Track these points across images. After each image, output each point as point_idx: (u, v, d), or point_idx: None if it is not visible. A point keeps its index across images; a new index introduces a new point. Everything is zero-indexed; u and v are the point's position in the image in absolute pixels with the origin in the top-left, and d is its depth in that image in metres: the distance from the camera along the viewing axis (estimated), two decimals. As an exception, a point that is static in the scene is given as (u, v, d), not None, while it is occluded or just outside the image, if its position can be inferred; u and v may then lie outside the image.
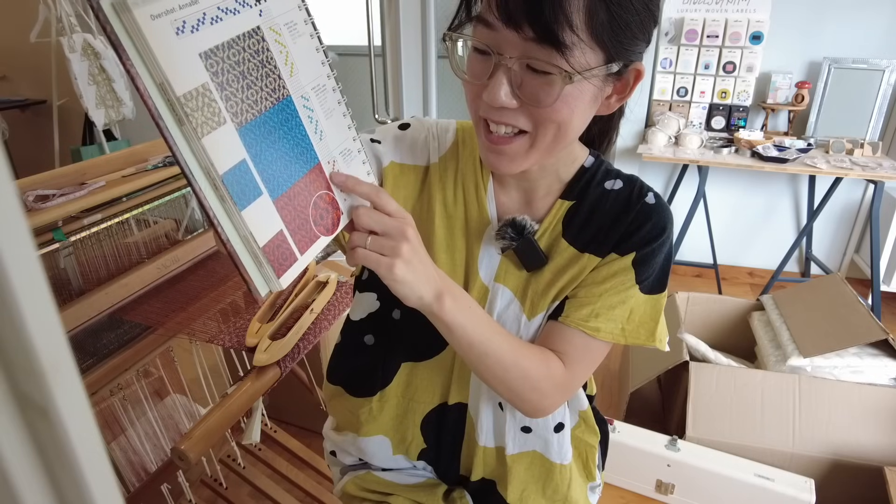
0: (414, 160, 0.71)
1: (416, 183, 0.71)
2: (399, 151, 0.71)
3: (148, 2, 0.37)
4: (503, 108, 0.56)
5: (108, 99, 2.72)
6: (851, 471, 1.48)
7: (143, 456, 1.37)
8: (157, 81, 0.38)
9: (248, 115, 0.44)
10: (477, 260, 0.70)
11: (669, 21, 2.48)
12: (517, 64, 0.54)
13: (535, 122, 0.57)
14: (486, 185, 0.70)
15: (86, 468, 0.23)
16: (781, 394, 1.55)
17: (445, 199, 0.71)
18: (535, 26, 0.51)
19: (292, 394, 1.71)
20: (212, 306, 1.21)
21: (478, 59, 0.57)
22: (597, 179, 0.69)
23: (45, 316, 0.21)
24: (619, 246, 0.67)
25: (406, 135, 0.73)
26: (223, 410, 1.00)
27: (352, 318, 0.79)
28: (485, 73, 0.56)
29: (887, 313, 2.57)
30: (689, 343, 1.71)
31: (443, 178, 0.71)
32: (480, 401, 0.75)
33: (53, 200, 1.03)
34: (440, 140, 0.72)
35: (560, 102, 0.55)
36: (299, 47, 0.49)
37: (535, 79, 0.54)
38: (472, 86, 0.59)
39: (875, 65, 2.35)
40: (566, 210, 0.69)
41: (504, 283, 0.70)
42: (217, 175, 0.41)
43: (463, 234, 0.71)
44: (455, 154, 0.72)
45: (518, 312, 0.70)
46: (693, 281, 2.90)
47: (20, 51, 3.00)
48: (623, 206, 0.67)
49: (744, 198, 2.74)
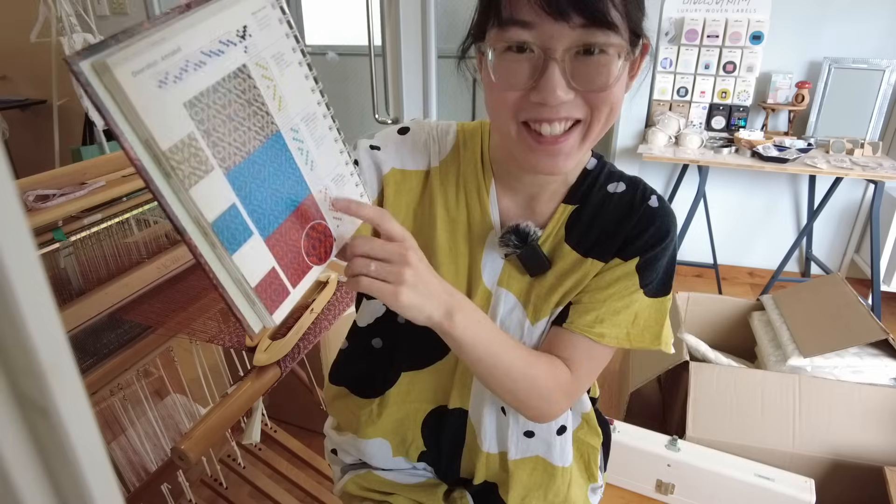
0: (415, 165, 0.70)
1: (418, 188, 0.70)
2: (400, 157, 0.70)
3: (129, 58, 0.36)
4: (559, 105, 0.55)
5: (109, 99, 2.72)
6: (851, 471, 1.48)
7: (143, 456, 1.37)
8: (142, 139, 0.37)
9: (237, 158, 0.43)
10: (480, 265, 0.69)
11: (669, 21, 2.48)
12: (568, 55, 0.53)
13: (591, 107, 0.56)
14: (488, 189, 0.69)
15: (86, 468, 0.23)
16: (781, 394, 1.55)
17: (447, 203, 0.69)
18: (585, 13, 0.51)
19: (292, 394, 1.71)
20: (212, 306, 1.21)
21: (514, 61, 0.54)
22: (600, 182, 0.69)
23: (45, 316, 0.21)
24: (622, 250, 0.66)
25: (406, 139, 0.71)
26: (223, 410, 1.00)
27: (359, 325, 0.78)
28: (525, 74, 0.54)
29: (887, 313, 2.57)
30: (689, 343, 1.71)
31: (444, 182, 0.70)
32: (483, 406, 0.74)
33: (53, 200, 1.02)
34: (440, 143, 0.71)
35: (617, 83, 0.55)
36: (287, 78, 0.47)
37: (589, 64, 0.54)
38: (507, 94, 0.56)
39: (875, 65, 2.35)
40: (569, 214, 0.68)
41: (507, 287, 0.69)
42: (207, 223, 0.40)
43: (466, 239, 0.70)
44: (456, 157, 0.70)
45: (521, 317, 0.69)
46: (693, 281, 2.90)
47: (20, 51, 3.00)
48: (626, 211, 0.67)
49: (744, 198, 2.74)
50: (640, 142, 2.61)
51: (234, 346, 1.10)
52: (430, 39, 2.62)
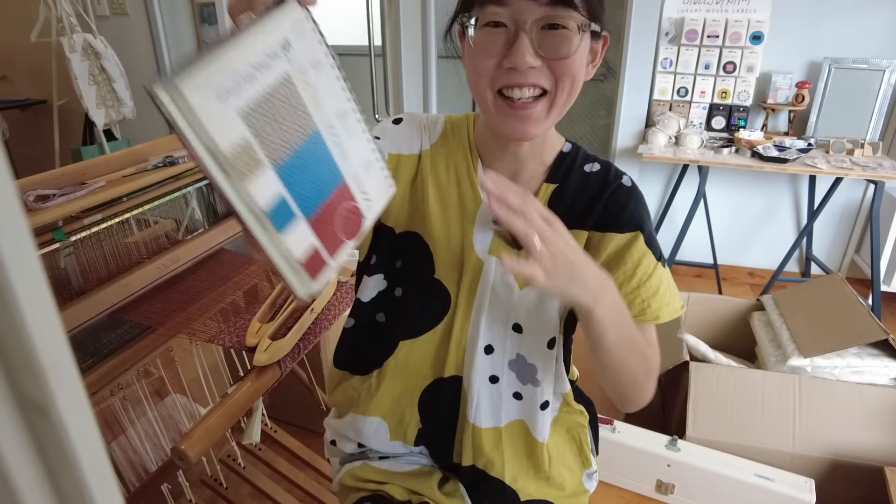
0: (409, 149, 0.78)
1: (412, 170, 0.78)
2: (395, 143, 0.78)
3: (193, 79, 0.43)
4: (528, 70, 0.63)
5: (109, 99, 2.73)
6: (852, 471, 1.48)
7: (143, 456, 1.37)
8: (206, 145, 0.44)
9: (283, 154, 0.50)
10: (472, 237, 0.76)
11: (669, 21, 2.48)
12: (536, 27, 0.62)
13: (556, 77, 0.64)
14: (476, 169, 0.76)
15: (86, 468, 0.23)
16: (782, 394, 1.55)
17: (439, 181, 0.77)
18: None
19: (292, 394, 1.71)
20: (212, 306, 1.21)
21: (491, 34, 0.63)
22: (577, 163, 0.77)
23: (45, 316, 0.21)
24: (607, 224, 0.73)
25: (400, 128, 0.80)
26: (223, 410, 1.00)
27: (362, 300, 0.82)
28: (500, 45, 0.63)
29: (887, 313, 2.57)
30: (689, 343, 1.71)
31: (435, 163, 0.78)
32: (474, 374, 0.78)
33: (53, 200, 1.03)
34: (431, 130, 0.80)
35: (576, 53, 0.64)
36: (323, 81, 0.55)
37: (553, 36, 0.63)
38: (484, 62, 0.65)
39: (875, 65, 2.35)
40: (552, 192, 0.75)
41: (497, 255, 0.75)
42: (260, 211, 0.48)
43: (458, 214, 0.76)
44: (445, 143, 0.79)
45: (511, 283, 0.76)
46: (693, 281, 2.90)
47: (20, 51, 3.00)
48: (601, 186, 0.75)
49: (744, 198, 2.74)
50: (640, 142, 2.61)
51: (234, 346, 1.10)
52: (430, 39, 2.62)
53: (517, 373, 0.79)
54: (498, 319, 0.77)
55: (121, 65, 2.74)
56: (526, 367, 0.79)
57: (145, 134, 3.08)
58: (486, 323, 0.76)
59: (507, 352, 0.78)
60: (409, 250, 0.78)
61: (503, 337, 0.77)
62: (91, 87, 2.63)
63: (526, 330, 0.77)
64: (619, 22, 2.58)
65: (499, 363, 0.78)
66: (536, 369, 0.79)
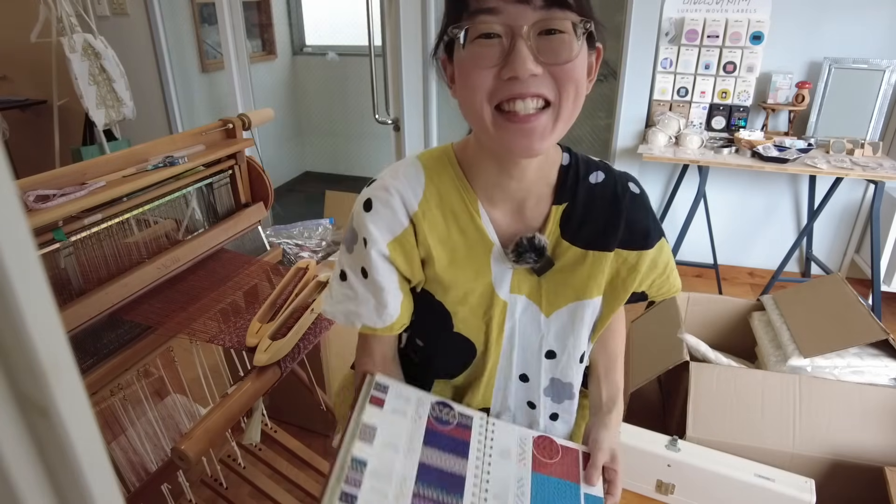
0: (402, 223, 0.69)
1: (412, 241, 0.70)
2: (385, 230, 0.69)
3: None
4: (530, 79, 0.59)
5: (109, 99, 2.73)
6: (852, 471, 1.48)
7: (143, 456, 1.37)
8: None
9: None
10: (492, 280, 0.72)
11: (670, 21, 2.48)
12: (532, 33, 0.58)
13: (559, 85, 0.60)
14: (476, 209, 0.70)
15: (86, 468, 0.23)
16: (782, 394, 1.55)
17: (440, 236, 0.70)
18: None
19: (292, 394, 1.71)
20: (212, 306, 1.21)
21: (484, 46, 0.59)
22: (581, 175, 0.73)
23: (45, 316, 0.21)
24: (630, 242, 0.73)
25: (376, 210, 0.69)
26: (223, 410, 1.00)
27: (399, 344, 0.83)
28: (496, 56, 0.59)
29: (888, 313, 2.57)
30: (689, 343, 1.71)
31: (430, 218, 0.70)
32: (510, 401, 0.80)
33: (54, 200, 1.03)
34: (412, 185, 0.70)
35: (577, 58, 0.60)
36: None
37: (552, 41, 0.59)
38: (480, 74, 0.60)
39: (875, 65, 2.35)
40: (561, 213, 0.72)
41: (519, 292, 0.73)
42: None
43: (469, 262, 0.71)
44: (434, 191, 0.70)
45: (536, 312, 0.75)
46: (693, 281, 2.90)
47: (20, 51, 3.00)
48: (612, 201, 0.73)
49: (744, 198, 2.74)
50: (640, 142, 2.61)
51: (235, 346, 1.10)
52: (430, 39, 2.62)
53: (552, 396, 0.80)
54: (529, 349, 0.76)
55: (121, 65, 2.74)
56: (562, 387, 0.80)
57: (145, 134, 3.09)
58: (519, 355, 0.77)
59: (543, 379, 0.78)
60: (422, 307, 0.75)
61: (537, 366, 0.77)
62: (91, 87, 2.63)
63: (560, 355, 0.77)
64: (619, 22, 2.58)
65: (535, 391, 0.79)
66: (572, 385, 0.81)
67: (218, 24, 2.80)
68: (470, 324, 0.74)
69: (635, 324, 2.07)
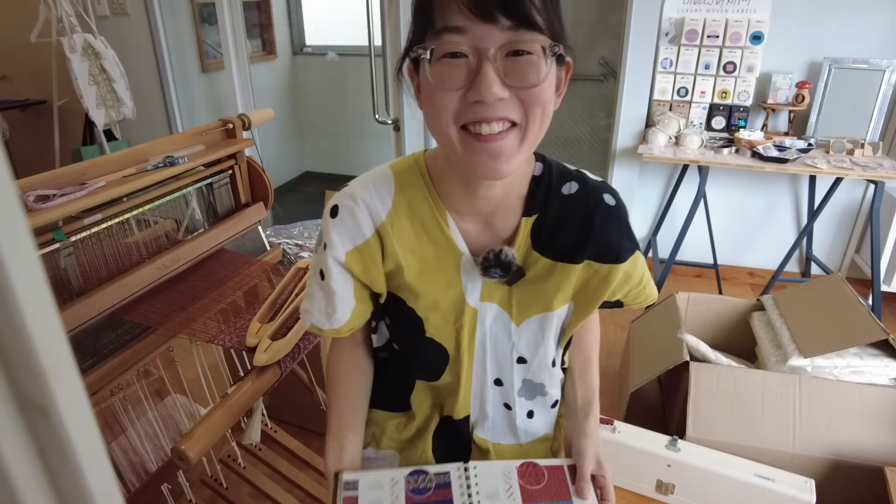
0: (365, 233, 0.70)
1: (378, 251, 0.71)
2: (346, 239, 0.70)
3: None
4: (496, 103, 0.58)
5: (109, 99, 2.73)
6: (852, 471, 1.48)
7: (143, 456, 1.37)
8: None
9: None
10: (462, 289, 0.73)
11: (670, 21, 2.48)
12: (500, 55, 0.57)
13: (525, 107, 0.59)
14: (445, 220, 0.71)
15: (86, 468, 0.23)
16: (782, 394, 1.55)
17: (410, 245, 0.71)
18: (512, 16, 0.55)
19: (292, 394, 1.71)
20: (212, 306, 1.21)
21: (450, 66, 0.58)
22: (553, 186, 0.72)
23: (45, 316, 0.21)
24: (603, 255, 0.72)
25: (341, 217, 0.71)
26: (223, 410, 1.00)
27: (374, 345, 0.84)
28: (462, 77, 0.58)
29: (888, 313, 2.57)
30: (689, 343, 1.71)
31: (399, 228, 0.70)
32: (487, 404, 0.80)
33: (54, 200, 1.03)
34: (380, 195, 0.71)
35: (545, 81, 0.59)
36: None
37: (520, 63, 0.58)
38: (446, 96, 0.59)
39: (875, 65, 2.35)
40: (532, 225, 0.71)
41: (490, 300, 0.74)
42: None
43: (440, 271, 0.72)
44: (403, 201, 0.71)
45: (507, 321, 0.75)
46: (693, 281, 2.90)
47: (21, 51, 3.00)
48: (584, 213, 0.72)
49: (744, 198, 2.74)
50: (640, 142, 2.61)
51: (235, 346, 1.10)
52: (430, 39, 2.62)
53: (526, 395, 0.82)
54: (501, 355, 0.77)
55: (121, 65, 2.74)
56: (534, 386, 0.81)
57: (145, 134, 3.09)
58: (492, 361, 0.77)
59: (516, 382, 0.79)
60: (394, 312, 0.76)
61: (510, 371, 0.78)
62: (91, 87, 2.63)
63: (530, 361, 0.78)
64: (619, 22, 2.58)
65: (510, 394, 0.80)
66: (544, 385, 0.81)
67: (218, 24, 2.80)
68: (441, 330, 0.74)
69: (635, 324, 2.07)
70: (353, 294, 0.73)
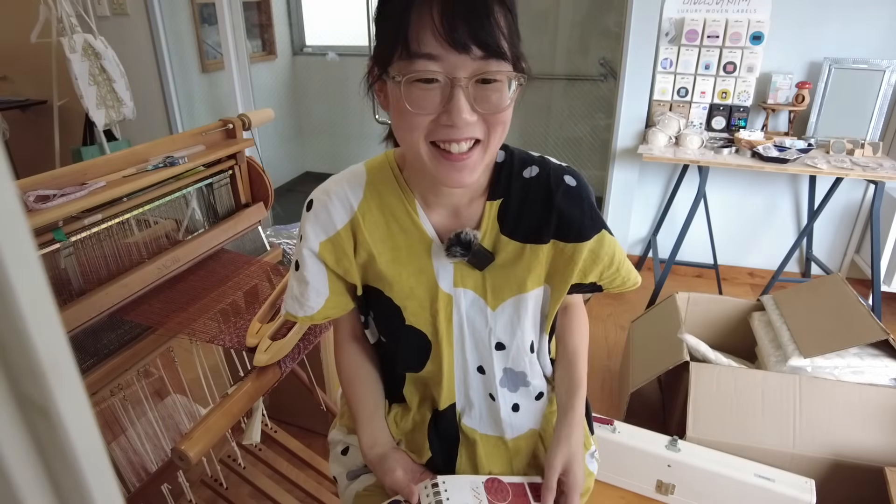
0: (337, 223, 0.76)
1: (350, 241, 0.76)
2: (319, 231, 0.76)
3: None
4: (466, 125, 0.63)
5: (109, 99, 2.73)
6: (852, 471, 1.48)
7: (143, 456, 1.37)
8: None
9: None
10: (434, 274, 0.76)
11: (670, 21, 2.48)
12: (471, 83, 0.62)
13: (489, 127, 0.65)
14: (415, 209, 0.76)
15: (86, 468, 0.23)
16: (782, 394, 1.55)
17: (381, 234, 0.76)
18: (483, 46, 0.60)
19: (293, 394, 1.71)
20: (212, 306, 1.21)
21: (424, 90, 0.62)
22: (515, 171, 0.76)
23: (45, 316, 0.21)
24: (567, 234, 0.75)
25: (315, 210, 0.77)
26: (223, 410, 1.00)
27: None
28: (436, 102, 0.62)
29: (888, 313, 2.57)
30: (689, 343, 1.71)
31: (371, 219, 0.76)
32: (472, 392, 0.83)
33: (54, 200, 1.03)
34: (352, 188, 0.77)
35: (508, 106, 0.65)
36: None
37: (488, 90, 0.63)
38: (418, 119, 0.63)
39: (875, 65, 2.35)
40: (497, 209, 0.76)
41: (464, 286, 0.77)
42: None
43: (412, 258, 0.76)
44: (374, 193, 0.76)
45: (483, 306, 0.78)
46: (693, 281, 2.90)
47: (21, 51, 3.00)
48: (545, 193, 0.75)
49: (744, 198, 2.74)
50: (640, 142, 2.61)
51: (235, 346, 1.10)
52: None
53: (508, 386, 0.83)
54: (480, 342, 0.80)
55: (121, 65, 2.74)
56: (515, 375, 0.83)
57: (145, 134, 3.09)
58: (471, 347, 0.80)
59: (497, 370, 0.81)
60: (374, 304, 0.80)
61: (490, 358, 0.81)
62: (91, 87, 2.63)
63: (509, 346, 0.80)
64: (619, 22, 2.58)
65: (492, 383, 0.82)
66: (525, 374, 0.83)
67: (218, 24, 2.80)
68: (420, 317, 0.78)
69: (635, 324, 2.07)
70: (327, 284, 0.78)
